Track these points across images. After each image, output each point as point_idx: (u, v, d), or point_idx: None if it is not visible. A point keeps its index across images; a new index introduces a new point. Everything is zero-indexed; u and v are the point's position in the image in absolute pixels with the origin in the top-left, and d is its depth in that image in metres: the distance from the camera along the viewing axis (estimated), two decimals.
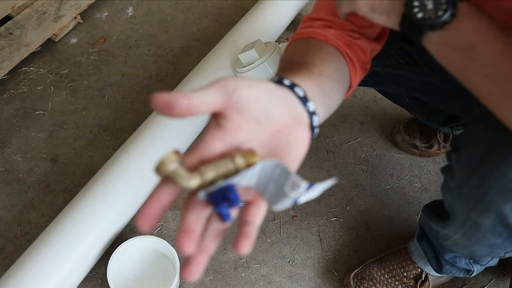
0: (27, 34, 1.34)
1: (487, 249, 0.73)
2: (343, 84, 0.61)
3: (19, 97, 1.30)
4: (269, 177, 0.39)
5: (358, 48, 0.64)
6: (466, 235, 0.73)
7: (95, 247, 0.94)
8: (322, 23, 0.64)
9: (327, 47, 0.61)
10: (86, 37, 1.44)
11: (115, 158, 1.02)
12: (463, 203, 0.67)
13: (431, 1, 0.48)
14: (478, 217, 0.65)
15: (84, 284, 0.98)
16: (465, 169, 0.63)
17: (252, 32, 1.27)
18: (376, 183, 1.16)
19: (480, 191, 0.61)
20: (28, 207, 1.09)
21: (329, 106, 0.54)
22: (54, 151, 1.18)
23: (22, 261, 0.88)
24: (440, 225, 0.81)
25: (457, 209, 0.71)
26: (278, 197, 0.39)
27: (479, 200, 0.62)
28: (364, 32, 0.65)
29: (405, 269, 0.96)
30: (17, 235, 1.05)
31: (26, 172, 1.15)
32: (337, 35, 0.63)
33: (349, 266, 1.03)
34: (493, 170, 0.57)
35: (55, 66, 1.37)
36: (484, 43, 0.47)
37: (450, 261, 0.88)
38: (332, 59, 0.59)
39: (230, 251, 1.05)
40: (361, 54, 0.65)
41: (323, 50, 0.60)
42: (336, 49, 0.61)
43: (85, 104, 1.28)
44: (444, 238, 0.82)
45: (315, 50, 0.59)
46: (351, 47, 0.63)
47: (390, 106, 1.30)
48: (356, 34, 0.64)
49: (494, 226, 0.64)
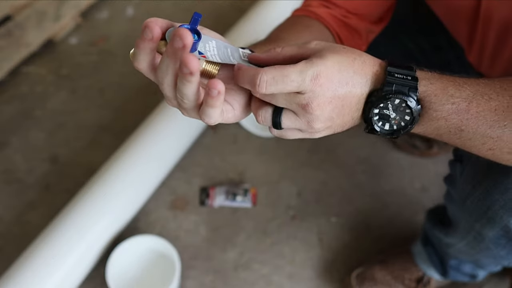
0: (27, 34, 1.34)
1: (491, 259, 0.73)
2: None
3: (19, 97, 1.29)
4: (226, 55, 0.44)
5: (351, 28, 0.64)
6: (469, 244, 0.72)
7: (95, 247, 0.94)
8: (319, 2, 0.64)
9: (317, 25, 0.61)
10: (86, 37, 1.44)
11: (115, 158, 1.02)
12: (467, 214, 0.66)
13: (393, 113, 0.44)
14: (482, 228, 0.64)
15: (84, 284, 0.98)
16: (469, 181, 0.63)
17: (252, 32, 1.27)
18: (376, 183, 1.16)
19: (484, 204, 0.61)
20: (28, 207, 1.09)
21: None
22: (54, 151, 1.18)
23: (22, 261, 0.88)
24: (444, 232, 0.80)
25: (461, 219, 0.70)
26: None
27: (483, 213, 0.62)
28: (360, 13, 0.65)
29: (407, 271, 0.95)
30: (17, 235, 1.05)
31: (26, 172, 1.15)
32: (330, 14, 0.63)
33: (349, 266, 1.03)
34: (497, 183, 0.57)
35: (55, 66, 1.36)
36: (468, 120, 0.43)
37: (455, 266, 0.87)
38: (318, 37, 0.58)
39: (230, 251, 1.05)
40: (355, 36, 0.65)
41: (310, 28, 0.60)
42: (326, 27, 0.62)
43: (85, 104, 1.28)
44: (447, 246, 0.81)
45: (300, 28, 0.59)
46: (344, 27, 0.63)
47: None
48: (350, 15, 0.64)
49: (498, 238, 0.63)
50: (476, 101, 0.43)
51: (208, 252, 1.05)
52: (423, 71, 0.46)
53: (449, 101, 0.43)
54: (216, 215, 1.10)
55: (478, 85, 0.44)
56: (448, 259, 0.87)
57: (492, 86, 0.44)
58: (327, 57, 0.42)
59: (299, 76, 0.40)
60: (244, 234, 1.08)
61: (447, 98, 0.43)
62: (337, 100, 0.42)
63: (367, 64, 0.44)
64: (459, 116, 0.43)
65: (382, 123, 0.45)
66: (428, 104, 0.44)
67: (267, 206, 1.12)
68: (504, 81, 0.45)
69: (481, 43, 0.66)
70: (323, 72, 0.41)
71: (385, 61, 0.46)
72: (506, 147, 0.43)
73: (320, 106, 0.42)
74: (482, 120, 0.43)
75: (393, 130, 0.45)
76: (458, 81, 0.44)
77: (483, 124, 0.43)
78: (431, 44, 0.83)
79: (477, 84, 0.44)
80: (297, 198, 1.13)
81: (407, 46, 0.86)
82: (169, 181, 1.13)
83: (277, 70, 0.41)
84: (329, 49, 0.43)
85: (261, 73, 0.41)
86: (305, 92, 0.41)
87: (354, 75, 0.43)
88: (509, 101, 0.43)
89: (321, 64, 0.41)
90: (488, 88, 0.44)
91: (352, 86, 0.43)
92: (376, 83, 0.44)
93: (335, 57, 0.42)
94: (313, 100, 0.41)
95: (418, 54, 0.86)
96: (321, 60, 0.41)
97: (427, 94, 0.44)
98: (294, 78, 0.40)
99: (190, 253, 1.04)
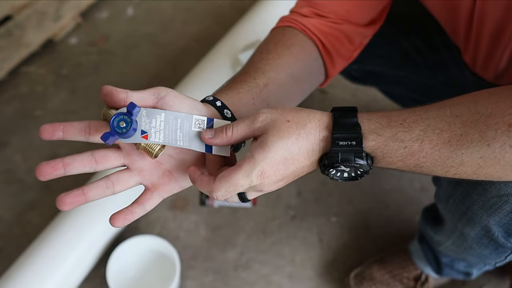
0: (27, 34, 1.34)
1: (476, 258, 0.74)
2: (309, 81, 0.63)
3: (19, 97, 1.30)
4: (174, 128, 0.46)
5: (343, 35, 0.64)
6: (455, 243, 0.74)
7: (95, 247, 0.94)
8: (310, 10, 0.64)
9: (300, 41, 0.62)
10: (86, 37, 1.44)
11: None
12: (450, 214, 0.68)
13: (346, 167, 0.45)
14: (463, 228, 0.66)
15: (84, 284, 0.98)
16: (451, 181, 0.63)
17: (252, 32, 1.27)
18: (376, 183, 1.16)
19: (464, 204, 0.62)
20: (28, 207, 1.09)
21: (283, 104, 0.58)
22: (54, 151, 1.18)
23: (22, 261, 0.88)
24: (434, 230, 0.81)
25: (446, 219, 0.72)
26: (192, 139, 0.47)
27: (463, 213, 0.63)
28: (351, 18, 0.65)
29: (405, 269, 0.96)
30: (17, 235, 1.05)
31: (26, 172, 1.15)
32: (319, 24, 0.63)
33: (349, 266, 1.03)
34: (476, 185, 0.58)
35: (55, 66, 1.37)
36: (424, 158, 0.43)
37: (448, 264, 0.88)
38: (293, 59, 0.60)
39: (230, 251, 1.05)
40: (345, 42, 0.65)
41: (291, 49, 0.61)
42: (310, 39, 0.62)
43: (85, 104, 1.28)
44: (437, 243, 0.82)
45: (280, 49, 0.60)
46: (333, 35, 0.63)
47: (390, 106, 1.30)
48: (343, 21, 0.64)
49: (479, 238, 0.64)
50: (428, 138, 0.43)
51: (208, 252, 1.05)
52: (370, 121, 0.45)
53: (400, 147, 0.44)
54: (216, 215, 1.10)
55: (428, 119, 0.43)
56: (441, 257, 0.88)
57: (443, 116, 0.43)
58: (269, 147, 0.43)
59: (246, 180, 0.43)
60: (244, 234, 1.08)
61: (398, 145, 0.44)
62: (288, 176, 0.45)
63: (313, 134, 0.44)
64: (414, 156, 0.44)
65: (340, 174, 0.46)
66: (381, 155, 0.45)
67: (267, 206, 1.12)
68: (456, 105, 0.44)
69: (475, 43, 0.66)
70: (267, 167, 0.43)
71: (331, 116, 0.45)
72: (470, 171, 0.43)
73: (271, 185, 0.45)
74: (438, 154, 0.43)
75: (352, 177, 0.47)
76: (408, 120, 0.44)
77: (440, 157, 0.43)
78: (427, 45, 0.83)
79: (427, 118, 0.43)
80: (297, 198, 1.13)
81: (403, 46, 0.86)
82: None
83: (226, 181, 0.43)
84: (272, 131, 0.44)
85: (214, 191, 0.44)
86: (256, 185, 0.44)
87: (300, 152, 0.44)
88: (462, 128, 0.42)
89: (262, 159, 0.43)
90: (439, 120, 0.43)
91: (299, 162, 0.45)
92: (325, 148, 0.45)
93: (278, 143, 0.43)
94: (264, 186, 0.45)
95: (415, 54, 0.86)
96: (263, 153, 0.43)
97: (377, 147, 0.44)
98: (242, 183, 0.43)
99: (190, 253, 1.04)
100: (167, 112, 0.46)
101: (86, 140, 0.48)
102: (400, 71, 0.91)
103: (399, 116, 0.44)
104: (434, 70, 0.86)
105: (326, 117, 0.45)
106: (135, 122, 0.44)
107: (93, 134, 0.48)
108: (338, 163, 0.44)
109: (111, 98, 0.45)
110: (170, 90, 0.47)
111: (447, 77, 0.84)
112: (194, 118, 0.47)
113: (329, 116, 0.46)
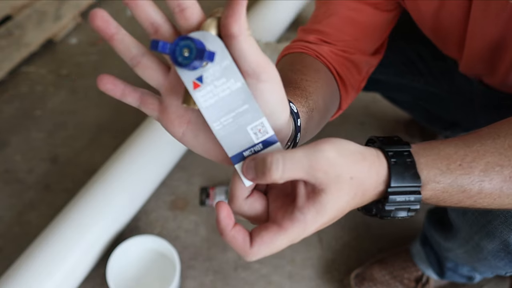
0: (27, 34, 1.34)
1: (488, 268, 0.73)
2: (331, 112, 0.59)
3: (19, 97, 1.29)
4: (231, 108, 0.36)
5: (352, 64, 0.62)
6: (468, 253, 0.73)
7: (95, 247, 0.94)
8: (316, 37, 0.61)
9: (321, 68, 0.58)
10: (86, 37, 1.44)
11: (115, 158, 1.02)
12: (467, 226, 0.67)
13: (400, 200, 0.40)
14: (481, 241, 0.65)
15: (84, 284, 0.98)
16: None
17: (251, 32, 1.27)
18: None
19: (485, 218, 0.61)
20: (28, 207, 1.09)
21: (302, 140, 0.50)
22: (54, 151, 1.18)
23: (22, 261, 0.88)
24: (443, 237, 0.80)
25: (461, 229, 0.70)
26: (231, 134, 0.36)
27: (483, 226, 0.62)
28: (359, 46, 0.63)
29: (406, 270, 0.95)
30: (17, 235, 1.05)
31: (26, 172, 1.15)
32: (330, 52, 0.60)
33: (349, 266, 1.03)
34: None
35: (55, 66, 1.36)
36: (482, 199, 0.40)
37: (452, 268, 0.87)
38: (325, 85, 0.56)
39: (230, 251, 1.05)
40: (354, 72, 0.63)
41: (320, 73, 0.57)
42: (325, 66, 0.59)
43: (85, 104, 1.28)
44: (446, 249, 0.82)
45: (313, 73, 0.55)
46: (344, 64, 0.61)
47: (390, 107, 1.30)
48: (351, 49, 0.62)
49: (497, 251, 0.63)
50: (488, 178, 0.39)
51: (208, 252, 1.05)
52: (428, 166, 0.39)
53: (459, 191, 0.40)
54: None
55: (485, 155, 0.39)
56: (445, 261, 0.87)
57: (501, 149, 0.39)
58: (325, 210, 0.38)
59: (289, 243, 0.39)
60: None
61: (457, 189, 0.39)
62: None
63: (369, 193, 0.39)
64: (472, 199, 0.40)
65: (393, 215, 0.42)
66: (436, 201, 0.41)
67: None
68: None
69: (470, 60, 0.67)
70: (314, 229, 0.39)
71: (387, 165, 0.39)
72: None
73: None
74: (498, 193, 0.40)
75: (408, 215, 0.42)
76: (466, 160, 0.39)
77: (500, 196, 0.40)
78: (432, 53, 0.83)
79: (484, 153, 0.39)
80: None
81: (407, 55, 0.86)
82: (169, 181, 1.13)
83: (266, 247, 0.38)
84: (332, 190, 0.37)
85: (250, 257, 0.38)
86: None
87: (349, 208, 0.40)
88: None
89: (314, 223, 0.38)
90: (497, 154, 0.39)
91: (343, 214, 0.40)
92: (376, 199, 0.41)
93: (335, 206, 0.38)
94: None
95: (419, 62, 0.86)
96: (317, 217, 0.38)
97: (435, 195, 0.40)
98: (284, 247, 0.39)
99: (190, 253, 1.04)
100: (245, 87, 0.35)
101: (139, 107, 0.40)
102: (404, 79, 0.90)
103: (456, 154, 0.40)
104: (439, 78, 0.85)
105: (383, 168, 0.39)
106: (200, 62, 0.34)
107: (145, 105, 0.40)
108: (390, 217, 0.41)
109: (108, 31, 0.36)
110: (279, 79, 0.36)
111: (452, 85, 0.84)
112: (260, 121, 0.36)
113: (386, 166, 0.39)
